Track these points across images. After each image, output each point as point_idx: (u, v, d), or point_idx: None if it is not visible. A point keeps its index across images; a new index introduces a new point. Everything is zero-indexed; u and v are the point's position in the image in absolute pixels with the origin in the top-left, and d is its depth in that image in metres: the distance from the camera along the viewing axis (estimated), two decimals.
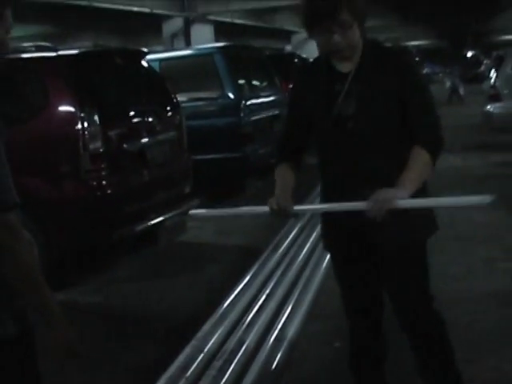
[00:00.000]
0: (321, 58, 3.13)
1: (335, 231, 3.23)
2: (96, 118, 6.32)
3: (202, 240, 8.09)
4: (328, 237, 3.32)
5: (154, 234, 7.76)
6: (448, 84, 26.57)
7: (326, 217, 3.26)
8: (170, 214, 7.29)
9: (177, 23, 19.53)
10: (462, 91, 25.66)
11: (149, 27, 21.38)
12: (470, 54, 41.13)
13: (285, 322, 4.32)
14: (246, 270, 5.82)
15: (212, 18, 20.48)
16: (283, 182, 3.18)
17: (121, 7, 16.46)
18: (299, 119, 3.22)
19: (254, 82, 11.50)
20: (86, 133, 6.24)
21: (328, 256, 5.18)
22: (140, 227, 6.73)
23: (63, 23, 21.80)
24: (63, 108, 6.39)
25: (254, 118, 10.32)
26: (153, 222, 6.98)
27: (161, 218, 7.12)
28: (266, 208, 3.06)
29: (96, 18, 19.39)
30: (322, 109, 3.08)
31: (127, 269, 7.05)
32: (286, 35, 30.18)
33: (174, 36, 19.49)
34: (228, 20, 21.99)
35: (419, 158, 2.93)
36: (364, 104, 3.01)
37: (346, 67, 3.06)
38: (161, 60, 10.23)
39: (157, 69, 9.47)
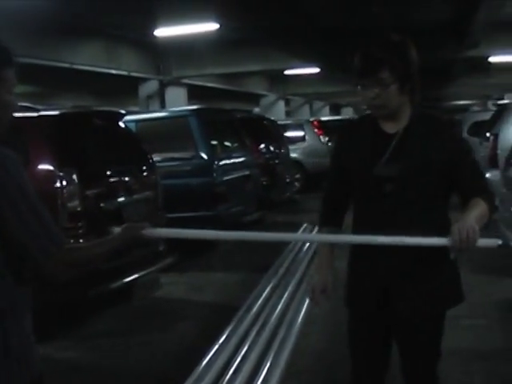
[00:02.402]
0: (367, 116, 3.04)
1: (362, 288, 3.08)
2: (74, 177, 6.21)
3: (175, 296, 7.91)
4: (353, 291, 3.14)
5: (129, 289, 7.56)
6: None
7: (357, 270, 3.12)
8: (144, 272, 7.13)
9: (152, 86, 19.48)
10: None
11: (126, 89, 21.32)
12: None
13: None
14: (218, 328, 5.64)
15: (185, 81, 20.50)
16: (324, 260, 3.17)
17: (100, 69, 16.37)
18: (341, 176, 3.09)
19: (226, 143, 11.46)
20: (65, 191, 6.11)
21: (301, 315, 5.04)
22: (115, 285, 6.57)
23: (45, 84, 21.70)
24: (43, 167, 6.24)
25: (226, 177, 10.22)
26: (127, 279, 6.81)
27: (135, 276, 6.94)
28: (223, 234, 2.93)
29: (77, 80, 19.30)
30: (363, 168, 2.94)
31: (102, 324, 6.83)
32: (255, 98, 30.33)
33: (149, 98, 19.43)
34: (200, 83, 22.02)
35: (480, 204, 2.79)
36: (406, 167, 2.88)
37: (390, 128, 2.96)
38: (137, 121, 10.13)
39: (133, 129, 9.37)
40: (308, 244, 7.15)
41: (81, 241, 6.14)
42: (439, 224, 2.87)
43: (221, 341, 4.52)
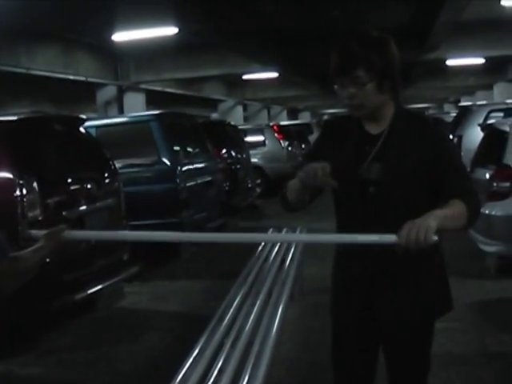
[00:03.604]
0: (352, 116, 2.86)
1: (345, 294, 2.94)
2: (35, 184, 6.00)
3: (139, 306, 7.68)
4: (336, 298, 3.00)
5: (92, 300, 7.30)
6: None
7: (340, 275, 2.97)
8: (108, 282, 6.94)
9: (110, 91, 19.18)
10: None
11: (83, 95, 20.99)
12: None
13: None
14: (186, 339, 5.42)
15: (144, 86, 20.25)
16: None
17: (57, 75, 16.02)
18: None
19: (189, 149, 11.27)
20: (25, 200, 5.88)
21: (276, 324, 4.86)
22: (79, 296, 6.37)
23: None
24: (1, 175, 6.00)
25: (189, 183, 10.04)
26: (91, 290, 6.60)
27: (99, 287, 6.73)
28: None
29: (33, 86, 18.93)
30: (345, 170, 2.78)
31: (66, 337, 6.56)
32: (213, 103, 30.23)
33: (107, 103, 19.13)
34: (159, 89, 21.80)
35: (456, 204, 2.61)
36: (390, 169, 2.73)
37: (373, 129, 2.82)
38: (97, 127, 9.87)
39: (94, 135, 9.12)
40: (276, 250, 6.97)
41: None
42: None
43: (194, 354, 4.29)
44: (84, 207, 6.76)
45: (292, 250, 7.11)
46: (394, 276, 2.79)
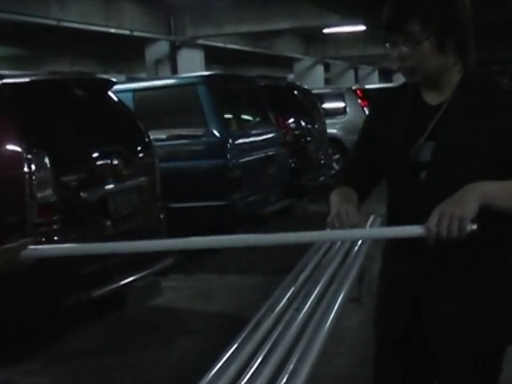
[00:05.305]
0: (408, 84, 2.79)
1: (390, 305, 2.88)
2: (46, 160, 6.02)
3: (176, 305, 7.74)
4: (380, 310, 2.95)
5: (121, 296, 7.38)
6: None
7: (386, 281, 2.92)
8: (137, 275, 6.98)
9: (162, 47, 19.28)
10: None
11: (131, 52, 21.21)
12: None
13: None
14: (226, 344, 5.43)
15: (202, 42, 20.29)
16: (343, 197, 2.82)
17: (95, 28, 16.15)
18: (368, 154, 2.89)
19: (245, 118, 11.26)
20: (34, 178, 5.93)
21: (324, 332, 4.80)
22: (98, 292, 6.40)
23: (33, 46, 21.65)
24: (6, 148, 6.06)
25: (243, 159, 10.00)
26: (115, 285, 6.67)
27: (126, 280, 6.79)
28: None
29: (73, 41, 19.20)
30: (396, 148, 2.73)
31: (83, 341, 6.65)
32: (288, 63, 30.12)
33: (158, 62, 19.25)
34: (220, 45, 21.81)
35: None
36: (443, 150, 2.64)
37: (433, 99, 2.72)
38: (135, 91, 9.94)
39: (130, 101, 9.22)
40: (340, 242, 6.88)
41: (55, 239, 5.97)
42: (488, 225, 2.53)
43: (216, 368, 4.27)
44: (108, 187, 6.80)
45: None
46: (444, 282, 2.68)
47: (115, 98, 7.79)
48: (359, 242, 7.13)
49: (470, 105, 2.63)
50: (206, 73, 10.64)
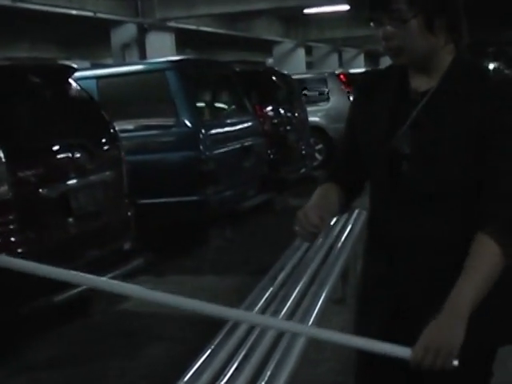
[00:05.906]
0: (396, 66, 2.74)
1: (372, 308, 2.87)
2: (1, 154, 6.02)
3: (146, 310, 7.66)
4: (361, 313, 2.95)
5: (86, 301, 7.38)
6: None
7: (365, 278, 2.93)
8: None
9: (129, 31, 19.21)
10: None
11: (95, 36, 21.15)
12: (491, 67, 41.56)
13: None
14: (199, 351, 5.42)
15: (172, 24, 20.25)
16: (320, 196, 2.82)
17: (54, 9, 15.96)
18: (354, 145, 2.85)
19: (219, 106, 11.24)
20: None
21: (301, 340, 4.80)
22: (61, 297, 6.36)
23: None
24: None
25: (217, 151, 10.00)
26: (79, 288, 6.58)
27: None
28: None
29: (32, 25, 19.10)
30: (376, 137, 2.70)
31: (45, 351, 6.64)
32: (267, 46, 30.13)
33: (125, 46, 19.18)
34: (193, 27, 21.78)
35: (484, 254, 2.48)
36: (424, 140, 2.60)
37: (422, 84, 2.67)
38: (99, 78, 9.91)
39: (94, 89, 9.19)
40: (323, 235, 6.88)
41: (12, 239, 5.97)
42: (467, 229, 2.54)
43: (187, 377, 4.26)
44: (70, 182, 6.81)
45: (345, 234, 7.03)
46: (433, 282, 2.65)
47: (77, 86, 7.77)
48: (342, 238, 7.16)
49: (456, 93, 2.59)
50: (177, 58, 10.64)
